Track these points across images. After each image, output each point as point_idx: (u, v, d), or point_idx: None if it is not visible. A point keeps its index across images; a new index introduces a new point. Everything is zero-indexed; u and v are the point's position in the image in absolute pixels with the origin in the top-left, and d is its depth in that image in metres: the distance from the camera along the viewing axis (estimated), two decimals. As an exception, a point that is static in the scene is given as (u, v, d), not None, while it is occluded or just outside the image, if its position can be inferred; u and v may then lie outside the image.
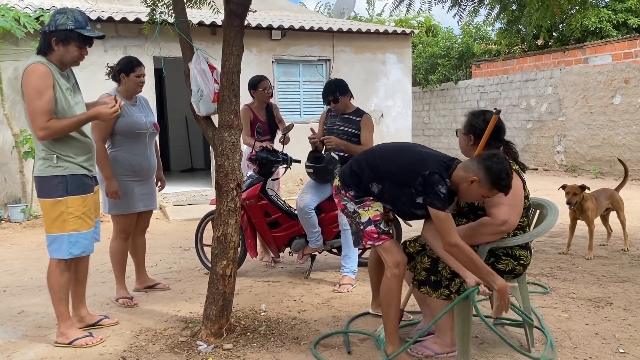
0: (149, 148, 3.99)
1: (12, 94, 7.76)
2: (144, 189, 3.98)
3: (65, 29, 3.01)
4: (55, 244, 3.12)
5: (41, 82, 2.94)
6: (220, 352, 3.00)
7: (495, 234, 2.74)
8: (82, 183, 3.14)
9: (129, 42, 8.38)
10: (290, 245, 4.56)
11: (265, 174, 4.51)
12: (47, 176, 3.07)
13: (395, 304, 2.81)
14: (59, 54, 3.05)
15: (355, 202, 2.84)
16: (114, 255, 3.98)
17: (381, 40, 10.33)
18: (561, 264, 4.77)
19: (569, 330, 3.25)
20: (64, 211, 3.08)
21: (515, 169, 2.83)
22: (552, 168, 12.43)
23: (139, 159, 3.92)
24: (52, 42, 3.02)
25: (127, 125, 3.82)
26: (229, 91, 3.14)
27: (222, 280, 3.18)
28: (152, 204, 4.09)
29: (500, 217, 2.70)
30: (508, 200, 2.72)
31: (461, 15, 5.75)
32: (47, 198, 3.09)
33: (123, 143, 3.86)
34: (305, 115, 9.75)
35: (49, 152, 3.07)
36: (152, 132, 4.00)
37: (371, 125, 4.44)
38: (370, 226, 2.80)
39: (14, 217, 7.58)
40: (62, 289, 3.17)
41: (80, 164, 3.14)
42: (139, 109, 3.95)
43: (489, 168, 2.53)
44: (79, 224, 3.12)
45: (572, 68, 11.83)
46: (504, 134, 3.00)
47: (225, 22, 3.15)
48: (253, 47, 9.11)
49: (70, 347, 3.15)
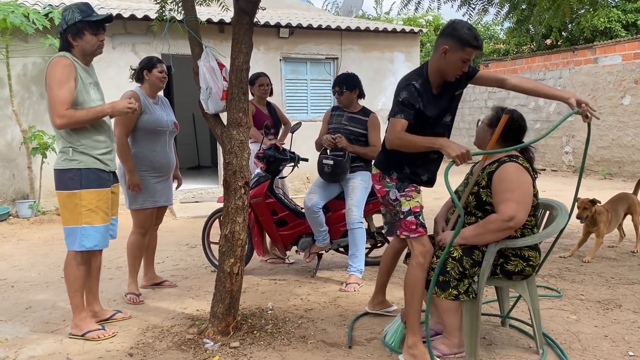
0: (169, 146, 4.07)
1: (21, 91, 7.81)
2: (161, 185, 4.04)
3: (75, 22, 3.11)
4: (70, 236, 3.17)
5: (63, 72, 3.03)
6: (227, 350, 2.99)
7: (503, 231, 2.72)
8: (98, 177, 3.18)
9: (138, 39, 8.39)
10: (297, 243, 4.55)
11: (273, 172, 4.51)
12: (63, 169, 3.14)
13: (419, 294, 2.82)
14: (79, 47, 3.15)
15: (398, 188, 2.87)
16: (130, 249, 4.02)
17: (389, 39, 10.29)
18: (569, 265, 4.74)
19: (578, 333, 3.23)
20: (78, 204, 3.12)
21: (526, 166, 2.81)
22: (560, 169, 12.36)
23: (159, 156, 3.98)
24: (69, 38, 3.13)
25: (149, 122, 3.90)
26: (237, 89, 3.14)
27: (230, 278, 3.18)
28: (168, 200, 4.15)
29: (508, 213, 2.69)
30: (516, 196, 2.70)
31: (471, 14, 5.73)
32: (63, 190, 3.15)
33: (144, 140, 3.93)
34: (313, 114, 9.74)
35: (65, 146, 3.14)
36: (172, 130, 4.07)
37: (378, 124, 4.43)
38: (410, 216, 2.84)
39: (22, 212, 7.61)
40: (78, 281, 3.22)
41: (97, 157, 3.19)
42: (160, 108, 4.04)
43: (451, 32, 2.67)
44: (92, 217, 3.15)
45: (581, 68, 11.75)
46: (523, 135, 2.97)
47: (235, 20, 3.14)
48: (261, 45, 9.10)
49: (79, 343, 3.16)
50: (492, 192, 2.79)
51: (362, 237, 4.25)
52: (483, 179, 2.84)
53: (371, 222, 4.75)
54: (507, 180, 2.75)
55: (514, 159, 2.81)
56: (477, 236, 2.75)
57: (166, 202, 4.13)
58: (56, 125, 3.07)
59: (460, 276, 2.76)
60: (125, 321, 3.50)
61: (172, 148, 4.12)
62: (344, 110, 4.46)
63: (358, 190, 4.28)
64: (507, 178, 2.75)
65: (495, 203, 2.76)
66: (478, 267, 2.78)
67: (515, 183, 2.74)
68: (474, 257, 2.78)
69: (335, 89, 4.43)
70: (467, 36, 2.64)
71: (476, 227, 2.78)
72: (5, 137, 7.81)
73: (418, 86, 2.76)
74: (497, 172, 2.79)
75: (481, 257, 2.78)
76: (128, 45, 8.33)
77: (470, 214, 2.90)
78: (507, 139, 2.89)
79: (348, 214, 4.24)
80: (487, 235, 2.74)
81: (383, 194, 2.98)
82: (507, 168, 2.78)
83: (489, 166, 2.86)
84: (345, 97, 4.38)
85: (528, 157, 2.94)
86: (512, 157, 2.84)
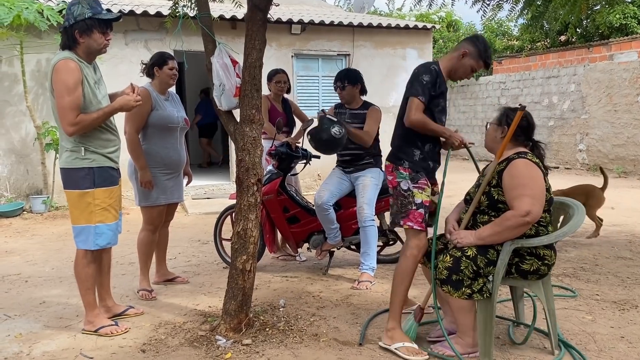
0: (179, 142, 4.06)
1: (35, 86, 7.86)
2: (172, 181, 4.03)
3: (84, 18, 3.02)
4: (82, 235, 3.16)
5: (70, 78, 2.96)
6: (239, 347, 2.99)
7: (520, 226, 2.68)
8: (109, 175, 3.19)
9: (150, 35, 8.41)
10: (309, 241, 4.54)
11: (285, 169, 4.49)
12: (74, 168, 3.11)
13: (406, 283, 2.98)
14: (85, 45, 3.07)
15: (412, 178, 2.97)
16: (141, 246, 4.02)
17: (402, 35, 10.23)
18: (584, 265, 4.68)
19: (594, 333, 3.18)
20: (91, 203, 3.12)
21: (535, 161, 2.79)
22: (573, 167, 12.23)
23: (170, 152, 3.97)
24: (76, 34, 3.03)
25: (160, 118, 3.89)
26: (250, 86, 3.12)
27: (242, 275, 3.17)
28: (178, 197, 4.14)
29: (524, 208, 2.66)
30: (529, 191, 2.68)
31: (485, 10, 5.66)
32: (74, 189, 3.13)
33: (155, 136, 3.91)
34: (324, 110, 9.71)
35: (76, 145, 3.10)
36: (183, 126, 4.06)
37: (377, 116, 4.32)
38: (421, 209, 2.96)
39: (35, 208, 7.68)
40: (89, 279, 3.23)
41: (107, 155, 3.19)
42: (171, 104, 4.02)
43: (475, 42, 2.99)
44: (105, 215, 3.16)
45: (596, 65, 11.60)
46: (533, 132, 2.94)
47: (248, 16, 3.13)
48: (273, 42, 9.08)
49: (92, 338, 3.17)
50: (504, 189, 2.76)
51: (373, 235, 4.23)
52: (493, 178, 2.82)
53: (383, 219, 4.73)
54: (518, 175, 2.72)
55: (523, 155, 2.79)
56: (494, 235, 2.72)
57: (177, 199, 4.12)
58: (68, 133, 3.02)
59: (474, 275, 2.73)
60: (137, 317, 3.51)
61: (182, 144, 4.11)
62: (346, 107, 4.43)
63: (369, 187, 4.26)
64: (517, 174, 2.73)
65: (509, 200, 2.73)
66: (493, 266, 2.75)
67: (527, 177, 2.71)
68: (489, 256, 2.75)
69: (337, 84, 4.37)
70: (485, 52, 3.00)
71: (493, 225, 2.74)
72: (20, 132, 7.87)
73: (438, 73, 2.98)
74: (507, 170, 2.76)
75: (496, 256, 2.75)
76: (141, 41, 8.36)
77: (483, 213, 2.86)
78: (517, 135, 2.86)
79: (359, 211, 4.22)
80: (505, 233, 2.71)
81: (395, 184, 3.05)
82: (517, 164, 2.76)
83: (498, 165, 2.84)
84: (347, 92, 4.34)
85: (538, 154, 2.91)
86: (521, 153, 2.82)
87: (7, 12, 6.68)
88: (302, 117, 5.34)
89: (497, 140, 2.92)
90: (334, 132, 3.98)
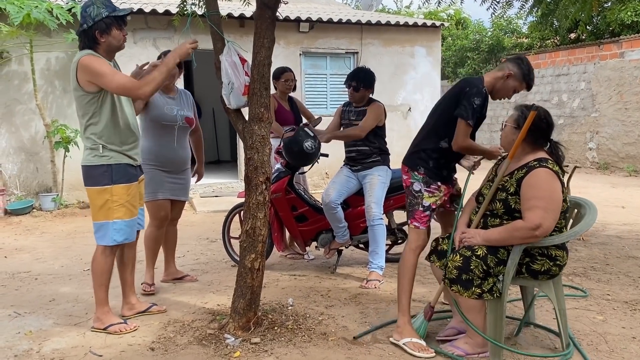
0: (177, 141, 4.03)
1: (45, 85, 7.91)
2: (172, 179, 4.03)
3: (102, 18, 3.07)
4: (100, 231, 3.20)
5: (102, 62, 3.04)
6: (248, 345, 2.99)
7: (528, 238, 2.66)
8: (127, 172, 3.21)
9: (159, 34, 8.44)
10: (317, 239, 4.53)
11: (293, 167, 4.49)
12: (93, 165, 3.16)
13: (408, 276, 3.08)
14: (106, 44, 3.13)
15: (425, 182, 3.09)
16: (146, 241, 4.07)
17: (410, 33, 10.19)
18: (595, 264, 4.64)
19: (605, 334, 3.15)
20: (109, 199, 3.15)
21: (556, 170, 2.73)
22: (583, 165, 12.13)
23: (164, 151, 3.97)
24: (97, 35, 3.09)
25: (155, 115, 3.91)
26: (259, 84, 3.11)
27: (251, 274, 3.17)
28: (180, 195, 4.12)
29: (534, 221, 2.62)
30: (544, 204, 2.63)
31: (494, 7, 5.63)
32: (93, 186, 3.17)
33: (151, 132, 3.95)
34: (332, 109, 9.68)
35: (94, 142, 3.15)
36: (182, 125, 4.03)
37: (377, 112, 4.29)
38: (427, 212, 3.11)
39: (45, 206, 7.73)
40: (104, 275, 3.25)
41: (125, 152, 3.21)
42: (175, 102, 4.02)
43: (520, 64, 3.02)
44: (122, 212, 3.18)
45: (606, 63, 11.50)
46: (551, 132, 2.88)
47: (257, 14, 3.12)
48: (281, 40, 9.07)
49: (101, 336, 3.18)
50: (521, 197, 2.71)
51: (382, 233, 4.21)
52: (512, 185, 2.75)
53: (391, 218, 4.71)
54: (536, 186, 2.67)
55: (544, 164, 2.72)
56: (501, 241, 2.71)
57: (175, 197, 4.08)
58: (146, 94, 3.07)
59: (484, 275, 2.71)
60: (146, 315, 3.51)
61: (183, 144, 4.08)
62: (353, 105, 4.42)
63: (377, 186, 4.24)
64: (536, 185, 2.67)
65: (523, 209, 2.70)
66: (503, 265, 2.73)
67: (545, 190, 2.66)
68: (499, 255, 2.72)
69: (351, 83, 4.32)
70: (529, 75, 3.04)
71: (501, 232, 2.72)
72: (29, 131, 7.92)
73: (486, 96, 3.04)
74: (527, 178, 2.70)
75: (506, 256, 2.73)
76: (149, 40, 8.38)
77: (496, 216, 2.82)
78: (536, 138, 2.80)
79: (367, 210, 4.20)
80: (512, 241, 2.69)
81: (408, 184, 3.18)
82: (538, 174, 2.69)
83: (518, 171, 2.77)
84: (360, 94, 4.32)
85: (557, 156, 2.85)
86: (542, 160, 2.74)
87: (17, 11, 6.72)
88: (308, 115, 5.34)
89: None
90: (306, 146, 4.15)
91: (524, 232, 2.65)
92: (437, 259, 3.04)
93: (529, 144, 2.80)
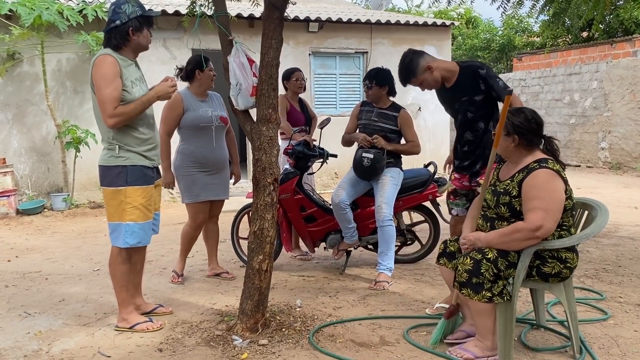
0: (216, 141, 4.13)
1: (56, 86, 7.96)
2: (212, 179, 4.14)
3: (137, 16, 3.10)
4: (115, 232, 3.21)
5: (109, 70, 3.03)
6: (255, 347, 2.98)
7: (529, 240, 2.63)
8: (142, 174, 3.20)
9: (169, 34, 8.46)
10: (326, 240, 4.51)
11: (302, 167, 4.48)
12: (109, 166, 3.16)
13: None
14: (136, 42, 3.15)
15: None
16: (183, 237, 4.26)
17: (420, 32, 10.14)
18: (606, 266, 4.58)
19: (617, 337, 3.11)
20: (123, 200, 3.15)
21: (557, 169, 2.70)
22: (595, 165, 12.02)
23: (204, 152, 4.08)
24: (130, 32, 3.10)
25: (192, 119, 4.02)
26: (267, 85, 3.11)
27: (258, 275, 3.16)
28: (221, 194, 4.25)
29: (535, 223, 2.59)
30: (545, 204, 2.60)
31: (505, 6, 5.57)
32: (108, 187, 3.18)
33: (189, 136, 4.07)
34: (342, 109, 9.68)
35: (111, 143, 3.15)
36: (219, 125, 4.12)
37: (411, 120, 4.40)
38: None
39: (56, 205, 7.78)
40: (124, 277, 3.26)
41: (142, 153, 3.20)
42: (208, 104, 4.13)
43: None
44: (136, 214, 3.17)
45: (619, 61, 11.37)
46: (542, 129, 2.84)
47: (265, 15, 3.11)
48: (290, 40, 9.07)
49: (110, 337, 3.20)
50: (522, 199, 2.69)
51: (392, 234, 4.19)
52: (514, 188, 2.73)
53: (401, 219, 4.68)
54: (537, 187, 2.64)
55: (544, 164, 2.69)
56: (502, 244, 2.69)
57: (216, 197, 4.21)
58: (108, 125, 3.07)
59: (494, 278, 2.68)
60: (155, 316, 3.52)
61: (221, 143, 4.18)
62: (374, 105, 4.40)
63: (388, 186, 4.22)
64: (536, 185, 2.64)
65: (524, 211, 2.67)
66: (513, 268, 2.70)
67: (545, 190, 2.63)
68: (510, 258, 2.69)
69: (365, 82, 4.39)
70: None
71: (501, 234, 2.70)
72: (41, 131, 7.98)
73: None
74: (527, 180, 2.68)
75: (517, 259, 2.70)
76: (159, 40, 8.40)
77: (503, 219, 2.79)
78: (530, 140, 2.76)
79: (377, 211, 4.18)
80: (513, 244, 2.66)
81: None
82: (537, 175, 2.66)
83: (519, 174, 2.75)
84: (373, 92, 4.32)
85: (552, 150, 2.80)
86: (542, 161, 2.71)
87: (28, 13, 6.77)
88: (312, 115, 5.37)
89: (511, 150, 2.80)
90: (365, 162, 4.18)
91: (525, 234, 2.62)
92: (447, 261, 3.01)
93: (524, 146, 2.78)
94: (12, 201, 7.53)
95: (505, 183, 2.79)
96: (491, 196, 2.84)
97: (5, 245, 5.85)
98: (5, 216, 7.41)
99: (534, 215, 2.61)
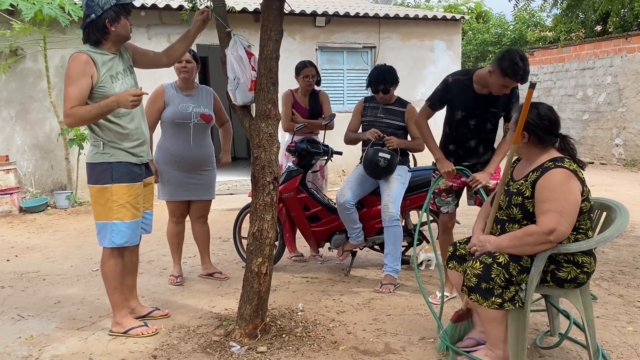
0: (194, 139, 3.96)
1: (59, 82, 7.84)
2: (190, 178, 4.00)
3: (110, 6, 2.94)
4: (102, 232, 3.08)
5: (77, 69, 2.89)
6: (253, 354, 2.84)
7: (542, 244, 2.46)
8: (129, 171, 3.07)
9: (173, 29, 8.33)
10: (330, 240, 4.37)
11: (305, 165, 4.33)
12: (94, 163, 3.05)
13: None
14: (116, 33, 2.99)
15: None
16: (167, 237, 4.22)
17: (429, 27, 9.93)
18: (623, 268, 4.40)
19: (636, 345, 2.93)
20: (109, 199, 3.02)
21: (574, 168, 2.52)
22: (609, 162, 11.75)
23: (180, 149, 3.93)
24: (107, 24, 2.94)
25: (169, 114, 3.92)
26: (266, 79, 2.96)
27: (257, 278, 3.02)
28: (201, 194, 4.11)
29: (548, 226, 2.42)
30: (559, 207, 2.42)
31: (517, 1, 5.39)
32: (94, 185, 3.06)
33: (167, 132, 3.98)
34: (349, 104, 9.50)
35: (96, 139, 3.04)
36: (198, 122, 3.96)
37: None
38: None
39: (59, 203, 7.70)
40: (117, 279, 3.13)
41: (127, 150, 3.07)
42: (191, 100, 3.99)
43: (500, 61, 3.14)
44: (122, 212, 3.04)
45: (634, 56, 11.08)
46: (558, 128, 2.67)
47: (264, 5, 2.96)
48: (296, 34, 8.91)
49: (103, 342, 3.07)
50: (535, 200, 2.51)
51: (398, 235, 4.02)
52: (527, 189, 2.55)
53: (408, 219, 4.52)
54: (551, 188, 2.46)
55: (560, 163, 2.50)
56: (512, 248, 2.52)
57: (196, 197, 4.06)
58: (65, 124, 3.05)
59: (506, 283, 2.51)
60: (151, 320, 3.39)
61: (201, 142, 3.99)
62: (379, 102, 4.23)
63: (395, 185, 4.05)
64: (550, 186, 2.46)
65: (537, 213, 2.50)
66: (526, 273, 2.53)
67: (559, 192, 2.45)
68: (522, 262, 2.52)
69: (378, 87, 4.11)
70: (510, 70, 3.11)
71: (512, 237, 2.53)
72: (44, 128, 7.90)
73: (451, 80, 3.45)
74: (541, 180, 2.50)
75: (530, 263, 2.53)
76: (163, 35, 8.29)
77: (514, 221, 2.62)
78: (543, 138, 2.58)
79: (384, 210, 4.02)
80: (524, 248, 2.49)
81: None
82: (552, 175, 2.48)
83: (532, 173, 2.57)
84: (390, 93, 4.16)
85: (569, 150, 2.62)
86: (557, 160, 2.53)
87: (29, 8, 6.67)
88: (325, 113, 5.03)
89: (524, 146, 2.63)
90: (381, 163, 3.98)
91: (537, 237, 2.45)
92: (457, 264, 2.85)
93: (536, 144, 2.60)
94: (15, 199, 7.45)
95: (519, 183, 2.62)
96: (503, 196, 2.67)
97: (5, 244, 5.76)
98: (8, 214, 7.33)
99: (546, 218, 2.44)
